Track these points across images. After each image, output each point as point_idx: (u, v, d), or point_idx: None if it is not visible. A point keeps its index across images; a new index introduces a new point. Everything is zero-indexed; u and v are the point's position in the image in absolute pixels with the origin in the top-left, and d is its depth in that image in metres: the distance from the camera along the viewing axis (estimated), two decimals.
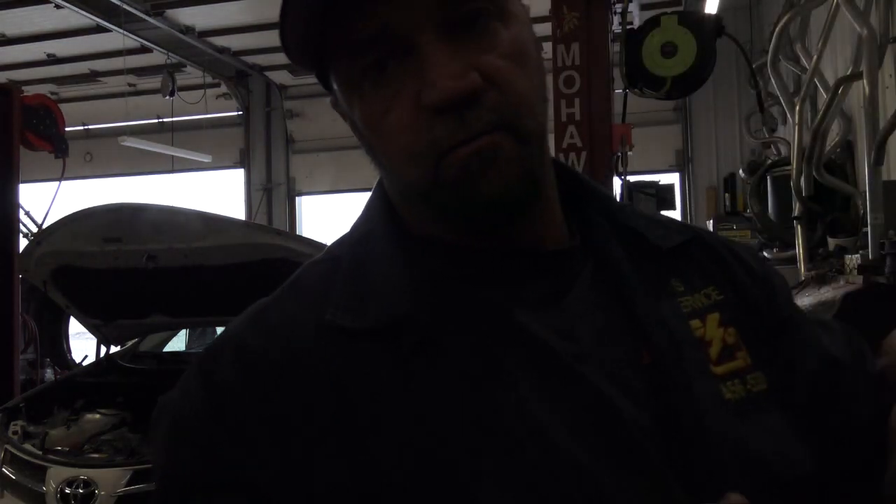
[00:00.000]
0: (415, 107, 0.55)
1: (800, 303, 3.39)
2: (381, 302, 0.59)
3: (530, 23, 0.64)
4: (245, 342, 0.60)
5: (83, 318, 4.50)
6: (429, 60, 0.55)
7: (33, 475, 3.43)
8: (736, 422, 0.60)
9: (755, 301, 0.67)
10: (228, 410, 0.57)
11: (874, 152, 3.46)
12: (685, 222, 0.75)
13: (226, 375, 0.58)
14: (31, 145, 5.32)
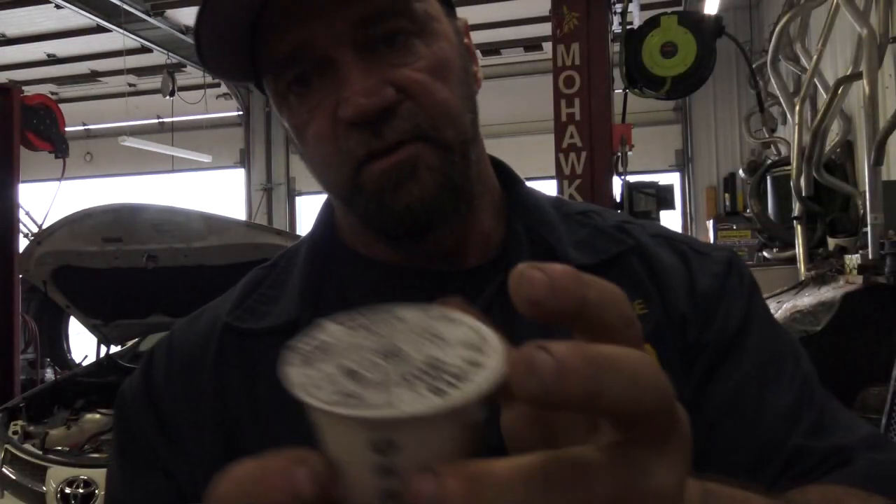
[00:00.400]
0: (333, 119, 0.59)
1: (800, 303, 3.40)
2: (283, 306, 0.65)
3: (460, 41, 0.66)
4: (174, 339, 0.68)
5: (83, 318, 4.50)
6: (344, 77, 0.58)
7: (33, 475, 3.43)
8: None
9: (680, 316, 0.64)
10: (154, 391, 0.65)
11: (874, 152, 3.46)
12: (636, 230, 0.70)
13: (160, 362, 0.67)
14: (31, 145, 5.32)
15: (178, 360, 0.66)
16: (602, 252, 0.67)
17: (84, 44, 9.59)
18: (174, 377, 0.65)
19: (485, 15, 8.79)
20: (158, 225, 3.73)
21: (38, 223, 6.42)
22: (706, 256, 0.70)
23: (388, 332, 0.31)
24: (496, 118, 10.77)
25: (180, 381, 0.64)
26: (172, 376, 0.65)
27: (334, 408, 0.27)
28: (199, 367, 0.64)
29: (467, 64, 0.66)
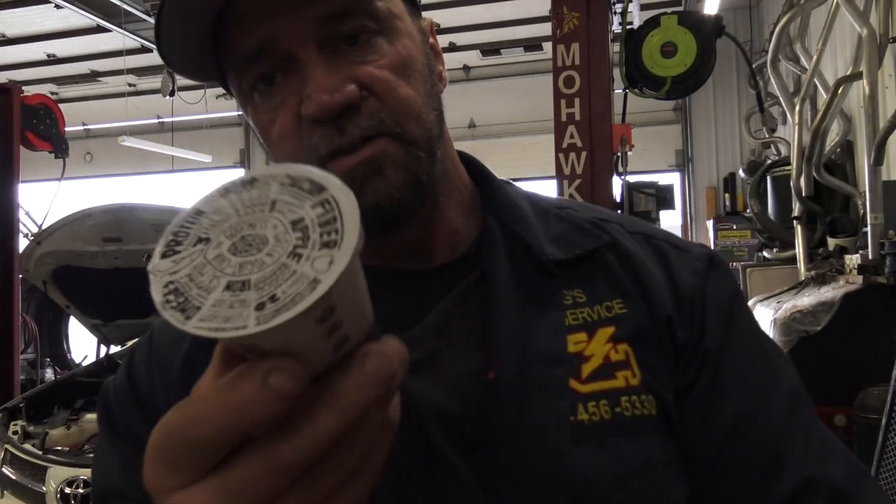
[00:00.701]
0: (296, 117, 0.59)
1: (800, 303, 3.40)
2: None
3: (424, 40, 0.66)
4: (156, 331, 0.70)
5: (83, 318, 4.50)
6: (308, 75, 0.58)
7: (33, 475, 3.43)
8: (572, 446, 0.57)
9: (666, 318, 0.63)
10: (136, 384, 0.67)
11: (874, 152, 3.46)
12: (612, 225, 0.70)
13: (141, 357, 0.68)
14: (31, 145, 5.32)
15: (157, 357, 0.67)
16: (577, 247, 0.66)
17: (84, 44, 9.60)
18: (154, 373, 0.66)
19: (485, 15, 8.79)
20: (158, 225, 3.73)
21: (38, 223, 6.42)
22: (685, 252, 0.69)
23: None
24: (496, 118, 10.77)
25: (160, 377, 0.66)
26: (153, 372, 0.66)
27: (278, 318, 0.30)
28: (173, 364, 0.65)
29: (431, 63, 0.66)
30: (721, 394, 0.62)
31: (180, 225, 0.34)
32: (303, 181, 0.34)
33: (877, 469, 2.64)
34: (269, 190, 0.34)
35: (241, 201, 0.34)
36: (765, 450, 0.61)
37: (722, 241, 8.30)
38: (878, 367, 2.90)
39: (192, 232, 0.34)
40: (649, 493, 0.57)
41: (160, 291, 0.32)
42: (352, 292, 0.33)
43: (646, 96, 4.34)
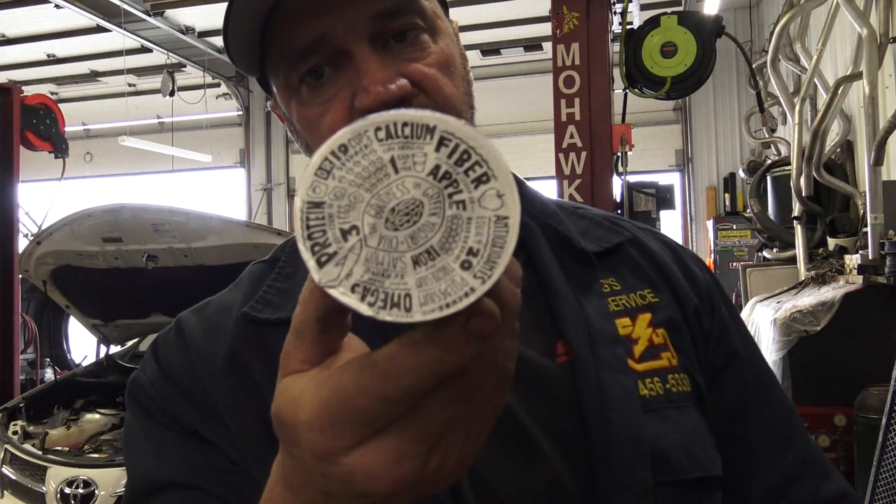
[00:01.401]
0: (348, 110, 0.60)
1: (800, 303, 3.40)
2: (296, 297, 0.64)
3: (458, 39, 0.70)
4: (186, 324, 0.70)
5: (83, 318, 4.50)
6: (362, 68, 0.60)
7: (33, 475, 3.43)
8: (644, 417, 0.63)
9: (694, 308, 0.71)
10: (172, 373, 0.66)
11: (874, 152, 3.46)
12: (625, 223, 0.77)
13: (170, 349, 0.68)
14: (31, 145, 5.32)
15: (195, 348, 0.67)
16: (604, 241, 0.72)
17: (84, 44, 9.59)
18: (196, 364, 0.66)
19: (485, 15, 8.79)
20: (158, 225, 3.73)
21: (38, 223, 6.42)
22: (685, 250, 0.78)
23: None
24: (496, 118, 10.77)
25: (203, 367, 0.65)
26: (192, 361, 0.66)
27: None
28: (217, 355, 0.65)
29: (465, 62, 0.69)
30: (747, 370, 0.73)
31: (307, 227, 0.32)
32: (399, 127, 0.32)
33: (877, 469, 2.64)
34: (373, 152, 0.32)
35: (355, 175, 0.32)
36: (775, 427, 0.72)
37: (722, 241, 8.30)
38: (878, 367, 2.90)
39: (329, 227, 0.32)
40: (704, 459, 0.64)
41: (358, 302, 0.31)
42: None
43: (646, 96, 4.34)
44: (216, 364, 0.65)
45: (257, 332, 0.65)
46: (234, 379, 0.64)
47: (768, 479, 0.71)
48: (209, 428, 0.63)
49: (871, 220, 3.40)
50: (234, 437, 0.62)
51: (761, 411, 0.73)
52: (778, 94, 5.60)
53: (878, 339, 3.06)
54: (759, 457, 0.71)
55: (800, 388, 3.24)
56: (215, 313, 0.70)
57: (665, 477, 0.61)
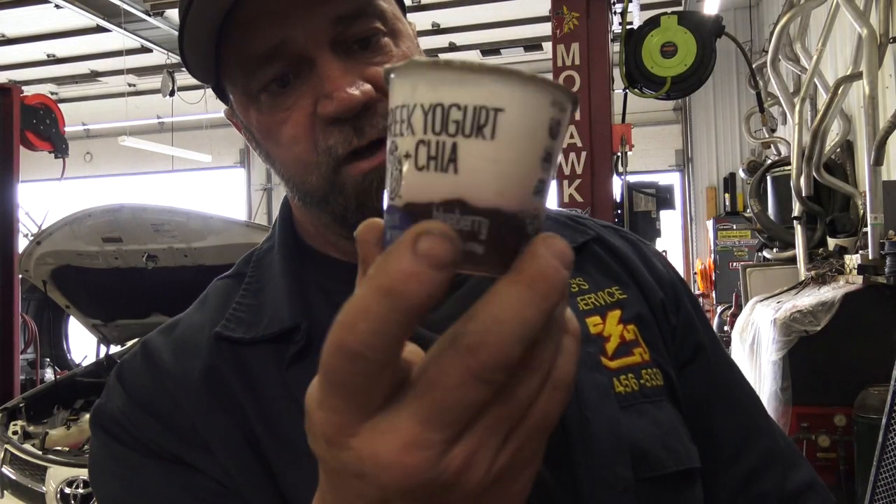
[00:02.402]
0: (311, 118, 0.59)
1: (800, 303, 3.40)
2: (271, 316, 0.64)
3: (417, 41, 0.69)
4: (154, 347, 0.67)
5: (83, 318, 4.50)
6: (325, 74, 0.58)
7: (33, 475, 3.43)
8: (621, 414, 0.63)
9: (660, 302, 0.72)
10: (144, 400, 0.63)
11: (874, 152, 3.46)
12: (589, 221, 0.78)
13: (138, 374, 0.65)
14: (31, 145, 5.32)
15: (166, 370, 0.64)
16: (570, 241, 0.71)
17: (84, 44, 9.59)
18: (166, 385, 0.63)
19: (485, 15, 8.79)
20: (158, 225, 3.73)
21: (38, 223, 6.42)
22: (647, 245, 0.79)
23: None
24: None
25: (179, 389, 0.62)
26: (164, 384, 0.63)
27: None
28: (191, 374, 0.62)
29: None
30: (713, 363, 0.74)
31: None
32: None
33: (877, 469, 2.64)
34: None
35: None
36: (741, 419, 0.74)
37: (722, 241, 8.30)
38: (878, 367, 2.90)
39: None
40: (682, 451, 0.65)
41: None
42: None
43: (646, 96, 4.34)
44: (192, 384, 0.62)
45: (232, 350, 0.63)
46: (213, 398, 0.61)
47: (735, 471, 0.71)
48: (192, 453, 0.60)
49: (871, 220, 3.40)
50: (220, 460, 0.59)
51: (727, 404, 0.73)
52: (778, 94, 5.60)
53: (878, 339, 3.06)
54: (727, 449, 0.71)
55: (800, 388, 3.24)
56: (185, 333, 0.67)
57: (645, 473, 0.62)
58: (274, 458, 0.58)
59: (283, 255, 0.69)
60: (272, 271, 0.68)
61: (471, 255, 0.31)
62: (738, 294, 5.46)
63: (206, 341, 0.65)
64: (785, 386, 3.26)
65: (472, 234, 0.31)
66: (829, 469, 3.16)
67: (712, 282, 8.24)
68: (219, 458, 0.59)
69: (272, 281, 0.67)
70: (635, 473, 0.61)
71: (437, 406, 0.30)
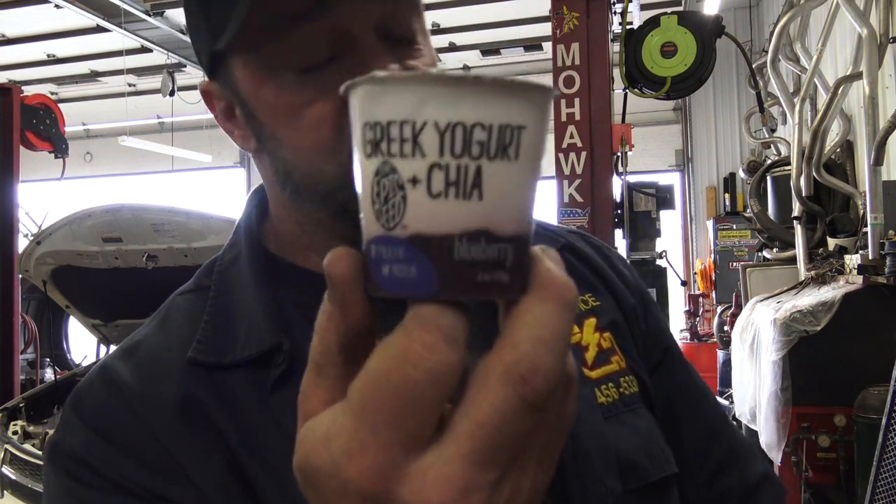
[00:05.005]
0: (338, 108, 0.54)
1: (800, 303, 3.40)
2: (247, 336, 0.59)
3: None
4: (116, 374, 0.60)
5: (83, 318, 4.50)
6: (372, 57, 0.53)
7: (33, 475, 3.44)
8: (606, 425, 0.62)
9: (632, 307, 0.71)
10: (111, 433, 0.57)
11: (874, 152, 3.46)
12: (556, 228, 0.77)
13: (101, 404, 0.59)
14: (31, 145, 5.32)
15: (134, 398, 0.58)
16: None
17: (84, 44, 9.59)
18: (138, 415, 0.57)
19: (485, 15, 8.79)
20: (158, 225, 3.73)
21: (38, 223, 6.42)
22: (611, 250, 0.79)
23: None
24: None
25: (149, 416, 0.57)
26: (135, 414, 0.57)
27: None
28: (165, 403, 0.58)
29: None
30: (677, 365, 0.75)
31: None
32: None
33: (877, 469, 2.64)
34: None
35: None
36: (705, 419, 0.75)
37: (722, 241, 8.30)
38: (878, 367, 2.90)
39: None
40: (662, 458, 0.65)
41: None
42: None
43: (646, 96, 4.34)
44: (166, 412, 0.57)
45: (208, 375, 0.58)
46: (191, 426, 0.56)
47: (703, 468, 0.72)
48: (170, 486, 0.55)
49: (871, 220, 3.40)
50: (202, 491, 0.55)
51: (691, 404, 0.74)
52: (778, 94, 5.60)
53: (878, 339, 3.06)
54: (694, 448, 0.72)
55: (800, 388, 3.24)
56: (149, 356, 0.61)
57: (632, 483, 0.61)
58: (261, 486, 0.55)
59: (254, 266, 0.63)
60: (240, 285, 0.63)
61: (497, 283, 0.29)
62: (738, 294, 5.45)
63: (176, 365, 0.59)
64: (785, 386, 3.26)
65: (498, 263, 0.29)
66: (829, 469, 3.16)
67: (712, 282, 8.24)
68: (201, 489, 0.55)
69: (242, 296, 0.62)
70: (623, 484, 0.60)
71: (491, 445, 0.28)
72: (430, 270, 0.29)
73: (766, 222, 5.49)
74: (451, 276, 0.29)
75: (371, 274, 0.31)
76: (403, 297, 0.29)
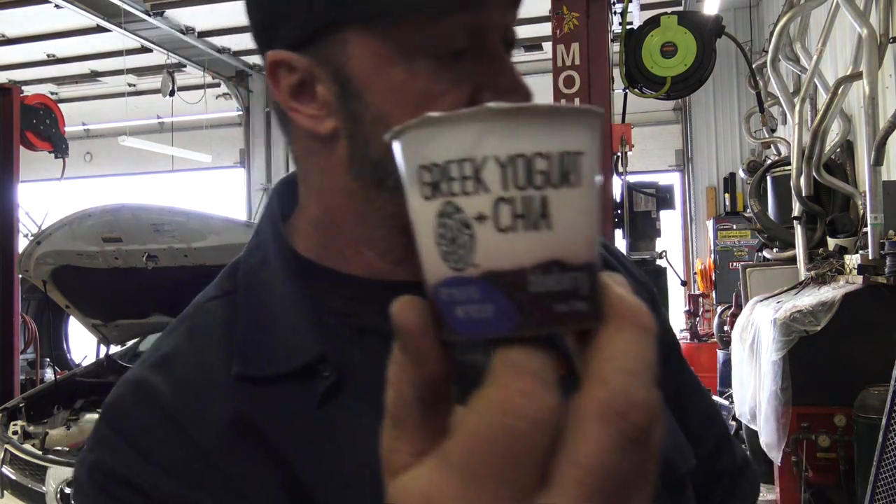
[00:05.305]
0: (466, 102, 0.54)
1: (800, 303, 3.40)
2: (287, 346, 0.57)
3: None
4: (151, 388, 0.57)
5: (83, 318, 4.50)
6: (505, 64, 0.55)
7: (33, 475, 3.44)
8: None
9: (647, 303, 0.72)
10: (153, 450, 0.54)
11: (874, 152, 3.47)
12: None
13: (139, 420, 0.56)
14: (31, 145, 5.32)
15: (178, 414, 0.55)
16: None
17: (84, 44, 9.59)
18: (189, 435, 0.55)
19: None
20: (158, 225, 3.73)
21: (38, 223, 6.42)
22: (616, 248, 0.82)
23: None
24: None
25: (200, 438, 0.54)
26: (185, 435, 0.55)
27: None
28: (217, 423, 0.55)
29: None
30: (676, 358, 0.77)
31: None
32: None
33: (877, 469, 2.64)
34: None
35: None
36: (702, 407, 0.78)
37: (722, 241, 8.31)
38: (878, 367, 2.91)
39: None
40: (687, 451, 0.68)
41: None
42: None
43: (646, 96, 4.33)
44: (215, 429, 0.54)
45: (255, 389, 0.56)
46: (244, 443, 0.54)
47: (703, 451, 0.74)
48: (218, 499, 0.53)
49: (871, 220, 3.40)
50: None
51: (689, 393, 0.76)
52: (778, 94, 5.60)
53: (878, 339, 3.06)
54: (694, 435, 0.73)
55: (800, 388, 3.24)
56: (188, 370, 0.58)
57: (667, 477, 0.61)
58: (320, 500, 0.54)
59: (288, 271, 0.61)
60: (272, 290, 0.60)
61: (576, 313, 0.29)
62: (738, 294, 5.46)
63: (218, 378, 0.57)
64: (785, 386, 3.26)
65: (572, 292, 0.29)
66: (829, 469, 3.16)
67: (712, 282, 8.24)
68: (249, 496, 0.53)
69: (275, 302, 0.59)
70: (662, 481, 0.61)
71: (601, 486, 0.28)
72: (507, 307, 0.28)
73: (766, 222, 5.49)
74: (528, 310, 0.28)
75: (443, 318, 0.30)
76: (482, 337, 0.29)
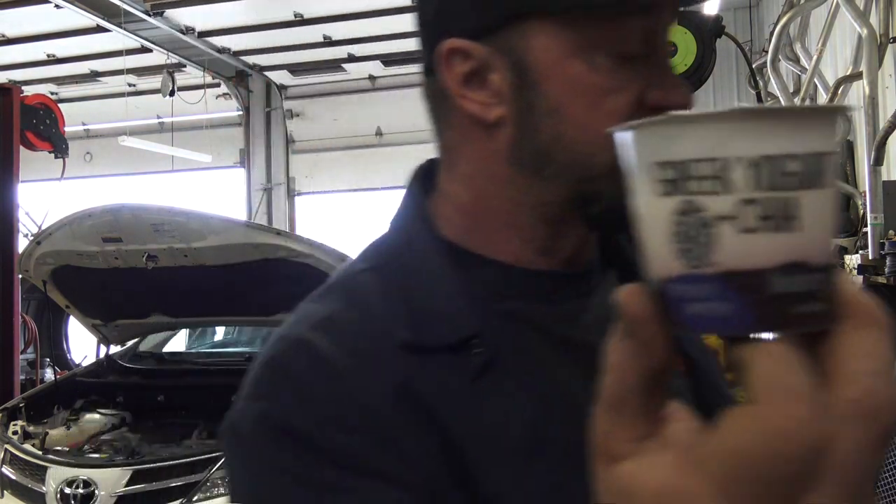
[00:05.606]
0: (635, 101, 0.56)
1: None
2: (451, 319, 0.58)
3: None
4: (316, 347, 0.56)
5: (83, 318, 4.50)
6: (668, 64, 0.58)
7: (33, 475, 3.44)
8: None
9: None
10: (327, 407, 0.54)
11: (874, 152, 3.47)
12: None
13: (312, 378, 0.55)
14: (31, 145, 5.32)
15: (349, 376, 0.55)
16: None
17: (84, 44, 9.59)
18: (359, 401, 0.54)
19: None
20: (158, 225, 3.73)
21: (38, 223, 6.42)
22: None
23: None
24: None
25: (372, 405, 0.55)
26: (357, 400, 0.55)
27: None
28: (385, 391, 0.55)
29: None
30: None
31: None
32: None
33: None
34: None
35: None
36: None
37: None
38: None
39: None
40: None
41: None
42: None
43: None
44: (382, 394, 0.54)
45: (419, 361, 0.56)
46: (409, 411, 0.54)
47: None
48: (395, 464, 0.53)
49: (871, 220, 3.40)
50: (417, 478, 0.53)
51: None
52: (778, 94, 5.60)
53: None
54: None
55: None
56: (355, 336, 0.58)
57: None
58: (483, 472, 0.55)
59: (438, 252, 0.62)
60: (424, 268, 0.61)
61: (812, 315, 0.29)
62: None
63: (385, 345, 0.57)
64: None
65: (811, 293, 0.29)
66: None
67: None
68: (417, 473, 0.53)
69: (433, 279, 0.60)
70: None
71: (857, 485, 0.28)
72: (744, 306, 0.29)
73: None
74: (765, 310, 0.29)
75: (671, 313, 0.31)
76: (714, 334, 0.30)
